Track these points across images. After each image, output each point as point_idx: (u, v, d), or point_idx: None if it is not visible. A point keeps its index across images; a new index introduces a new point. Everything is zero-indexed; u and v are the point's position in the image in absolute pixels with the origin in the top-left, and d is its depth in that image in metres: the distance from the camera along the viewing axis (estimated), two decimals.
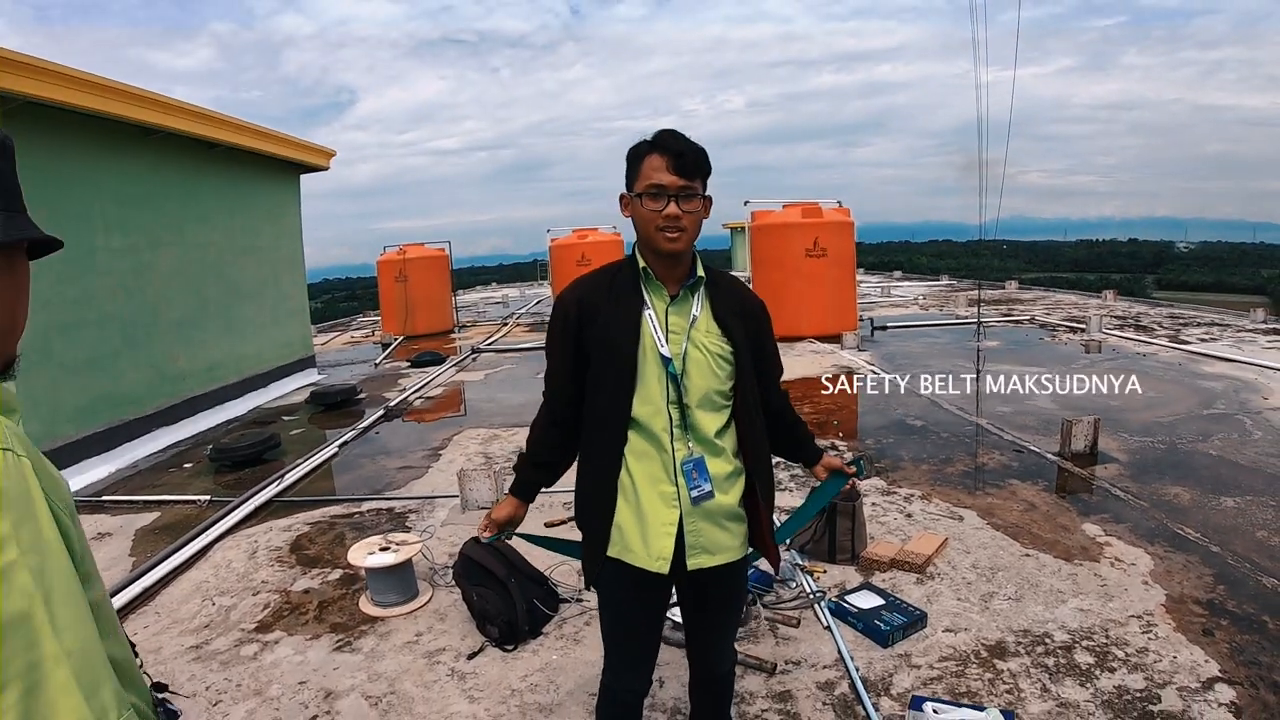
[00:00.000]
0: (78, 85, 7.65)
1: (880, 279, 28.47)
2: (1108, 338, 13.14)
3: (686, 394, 2.27)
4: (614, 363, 2.27)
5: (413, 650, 3.92)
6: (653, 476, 2.29)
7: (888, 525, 5.21)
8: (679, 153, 2.18)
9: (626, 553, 2.31)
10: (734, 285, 2.47)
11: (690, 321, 2.30)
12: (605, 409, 2.31)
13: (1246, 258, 74.75)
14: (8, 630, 0.92)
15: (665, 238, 2.22)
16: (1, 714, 0.90)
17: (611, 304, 2.31)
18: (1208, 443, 7.05)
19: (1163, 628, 3.89)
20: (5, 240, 1.06)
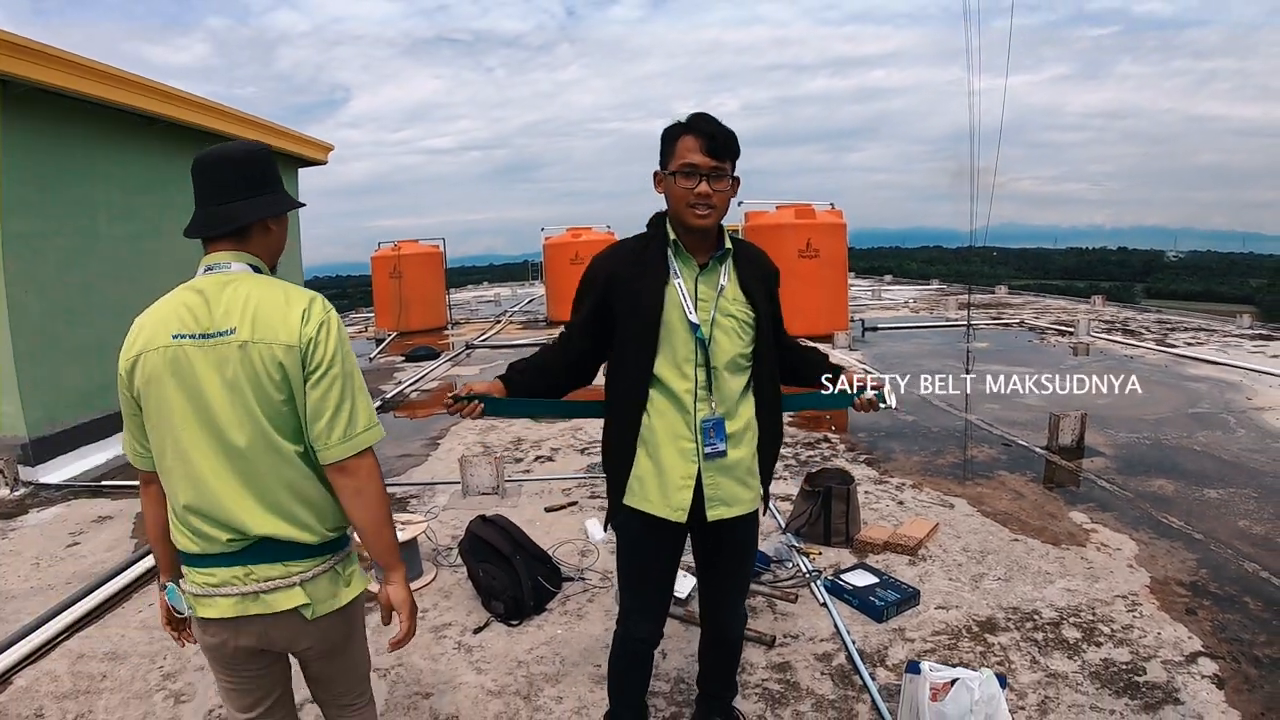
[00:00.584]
0: (82, 72, 7.71)
1: (871, 283, 28.60)
2: (1096, 341, 13.29)
3: (714, 357, 2.43)
4: (639, 326, 2.42)
5: (419, 625, 3.97)
6: (674, 433, 2.45)
7: (880, 511, 5.34)
8: (711, 135, 2.33)
9: (645, 503, 2.49)
10: (754, 254, 2.64)
11: (718, 291, 2.47)
12: (630, 367, 2.47)
13: (1235, 267, 75.27)
14: (354, 373, 2.01)
15: (695, 214, 2.38)
16: (350, 398, 1.97)
17: (640, 272, 2.46)
18: (1192, 439, 7.19)
19: (1147, 607, 4.03)
20: (276, 213, 2.15)
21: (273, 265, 2.17)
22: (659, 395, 2.46)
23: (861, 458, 6.65)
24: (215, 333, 1.92)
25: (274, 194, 2.11)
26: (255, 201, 2.06)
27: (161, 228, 9.58)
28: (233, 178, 2.06)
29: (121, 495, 6.61)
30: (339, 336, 2.00)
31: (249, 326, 1.91)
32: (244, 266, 2.04)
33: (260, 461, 1.93)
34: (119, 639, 4.06)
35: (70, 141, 8.09)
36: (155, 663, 3.80)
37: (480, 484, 5.88)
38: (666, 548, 2.62)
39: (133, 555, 4.99)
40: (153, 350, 1.94)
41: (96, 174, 8.53)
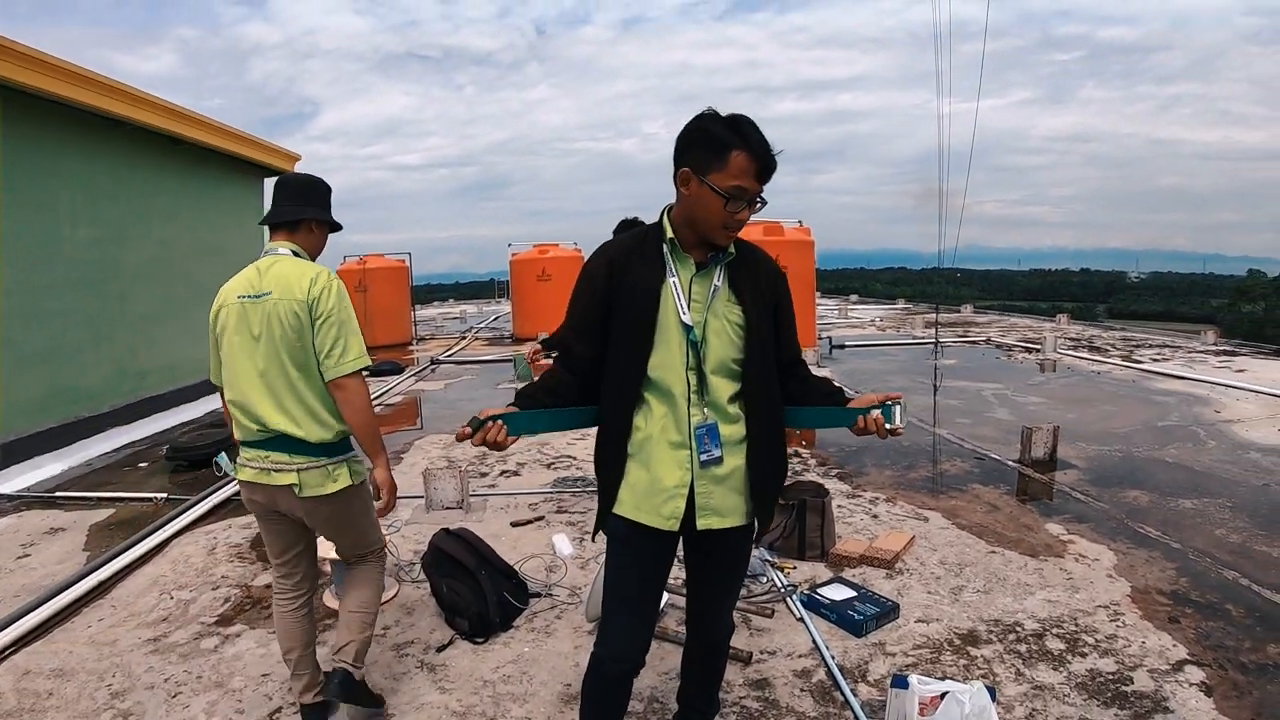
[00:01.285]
0: (50, 71, 7.54)
1: (837, 302, 28.75)
2: (1063, 357, 13.36)
3: (705, 361, 2.32)
4: (633, 324, 2.32)
5: (379, 643, 3.82)
6: (668, 439, 2.34)
7: (854, 525, 5.23)
8: (768, 162, 2.21)
9: (636, 511, 2.37)
10: (755, 256, 2.48)
11: (711, 293, 2.35)
12: (623, 368, 2.35)
13: (1196, 288, 76.53)
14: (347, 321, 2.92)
15: (726, 234, 2.28)
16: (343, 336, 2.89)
17: (639, 266, 2.35)
18: (1163, 451, 7.21)
19: (1130, 616, 3.96)
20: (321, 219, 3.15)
21: (314, 255, 3.13)
22: (654, 398, 2.36)
23: (833, 472, 6.55)
24: (260, 294, 2.90)
25: (320, 208, 3.13)
26: (305, 210, 3.08)
27: (126, 234, 9.39)
28: (294, 192, 3.10)
29: (75, 507, 6.40)
30: (337, 296, 2.92)
31: (279, 289, 2.88)
32: (288, 251, 3.03)
33: (277, 380, 2.88)
34: (67, 655, 3.86)
35: (34, 141, 7.89)
36: (104, 680, 3.61)
37: (444, 498, 5.70)
38: (658, 559, 2.49)
39: (84, 568, 4.79)
40: (226, 305, 2.99)
41: (61, 176, 8.31)
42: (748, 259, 2.44)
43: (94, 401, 8.67)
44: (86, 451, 8.22)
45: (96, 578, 4.63)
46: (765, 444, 2.42)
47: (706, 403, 2.33)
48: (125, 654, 3.85)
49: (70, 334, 8.37)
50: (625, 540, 2.43)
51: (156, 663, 3.75)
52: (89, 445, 8.36)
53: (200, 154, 11.03)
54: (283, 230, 3.07)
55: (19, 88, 7.29)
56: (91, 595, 4.51)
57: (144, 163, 9.83)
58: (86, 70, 8.10)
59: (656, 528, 2.35)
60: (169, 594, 4.54)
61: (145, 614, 4.29)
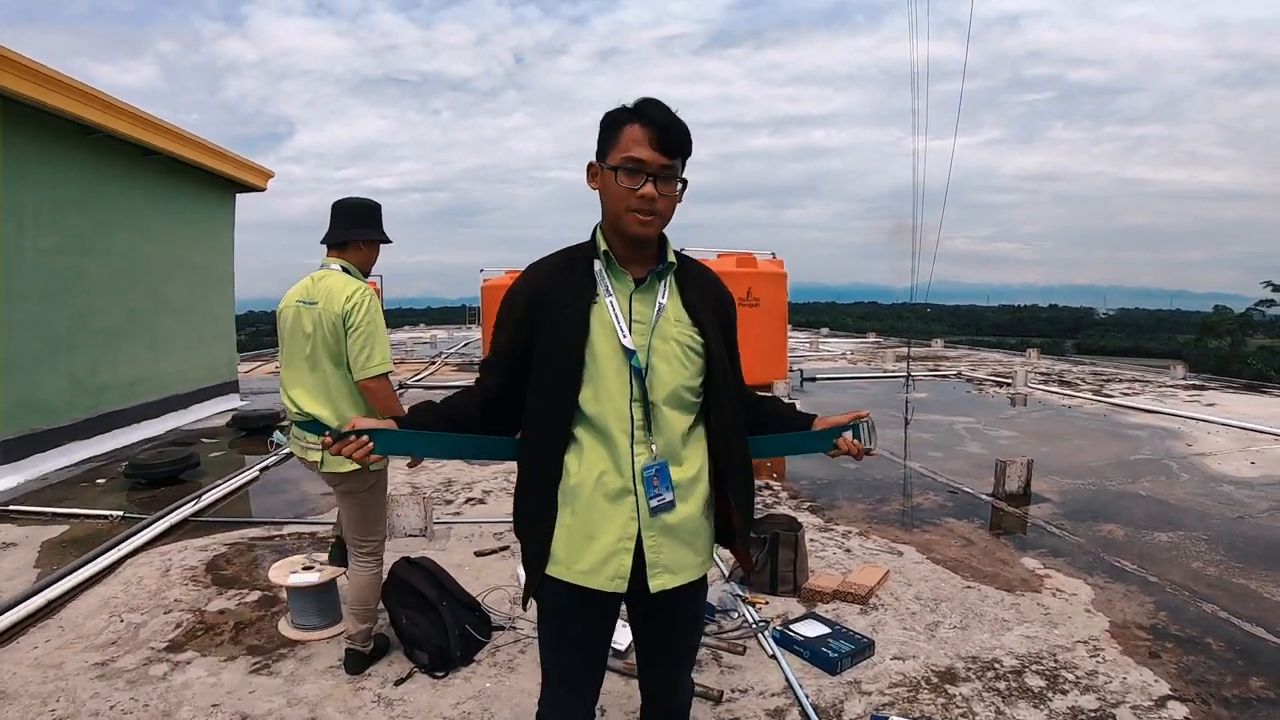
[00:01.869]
0: (18, 71, 7.31)
1: (808, 335, 28.81)
2: (1033, 391, 13.40)
3: (652, 390, 2.00)
4: (558, 356, 2.00)
5: (335, 675, 3.65)
6: (607, 485, 2.00)
7: (827, 559, 5.11)
8: (664, 126, 1.93)
9: (572, 573, 2.02)
10: (705, 273, 2.21)
11: (656, 310, 2.04)
12: (546, 408, 2.03)
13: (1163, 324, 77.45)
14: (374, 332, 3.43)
15: (637, 219, 1.97)
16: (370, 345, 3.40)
17: (565, 287, 2.04)
18: (1137, 484, 7.21)
19: (1110, 651, 3.87)
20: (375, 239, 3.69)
21: (365, 268, 3.64)
22: (587, 436, 2.02)
23: (805, 505, 6.43)
24: (310, 302, 3.45)
25: (370, 229, 3.61)
26: (351, 231, 3.57)
27: (90, 245, 9.12)
28: (344, 216, 3.57)
29: (29, 521, 6.19)
30: (366, 311, 3.40)
31: (324, 301, 3.41)
32: (337, 267, 3.54)
33: (315, 373, 3.45)
34: (10, 677, 3.67)
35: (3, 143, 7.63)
36: (47, 705, 3.43)
37: (407, 525, 5.53)
38: (601, 624, 2.16)
39: (33, 586, 4.59)
40: (287, 307, 3.55)
41: (26, 182, 8.05)
42: (696, 274, 2.17)
43: (52, 415, 8.37)
44: (43, 465, 8.01)
45: (45, 596, 4.45)
46: (733, 476, 2.11)
47: (654, 439, 2.01)
48: (71, 678, 3.66)
49: (28, 344, 8.07)
50: (562, 607, 2.10)
51: (103, 689, 3.56)
52: (46, 459, 8.12)
53: (172, 166, 10.76)
54: (335, 248, 3.57)
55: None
56: (39, 615, 4.33)
57: (113, 172, 9.56)
58: (57, 73, 7.84)
59: (598, 590, 2.02)
60: (119, 616, 4.34)
61: (94, 636, 4.09)
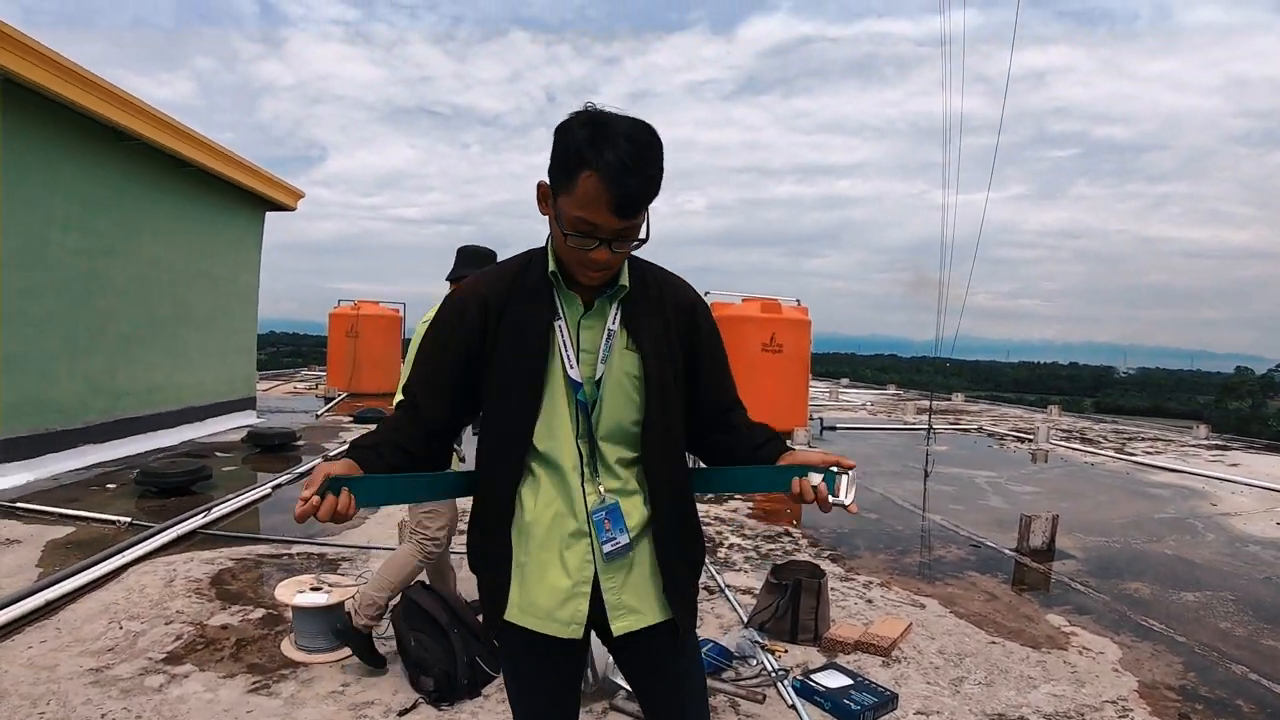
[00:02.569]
0: (59, 71, 7.43)
1: (828, 385, 28.68)
2: (1055, 448, 13.27)
3: (597, 427, 1.84)
4: (521, 376, 1.81)
5: (337, 701, 3.56)
6: (561, 526, 1.84)
7: (848, 610, 5.00)
8: (626, 193, 1.63)
9: (530, 618, 1.85)
10: (659, 284, 1.95)
11: (605, 337, 1.84)
12: (501, 429, 1.85)
13: (1183, 384, 76.95)
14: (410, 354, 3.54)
15: (588, 275, 1.78)
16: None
17: (522, 304, 1.83)
18: (1162, 543, 7.09)
19: (1139, 713, 3.76)
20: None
21: None
22: (542, 472, 1.85)
23: (825, 554, 6.33)
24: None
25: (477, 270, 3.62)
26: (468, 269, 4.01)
27: (115, 248, 9.21)
28: (464, 257, 4.13)
29: (35, 520, 6.20)
30: (418, 333, 3.68)
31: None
32: None
33: None
34: (2, 674, 3.63)
35: (33, 139, 7.74)
36: (36, 707, 3.37)
37: None
38: (564, 671, 1.96)
39: (32, 586, 4.57)
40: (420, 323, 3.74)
41: (57, 180, 8.15)
42: (648, 289, 1.92)
43: (66, 415, 8.41)
44: (55, 465, 8.04)
45: (44, 597, 4.43)
46: (670, 525, 1.91)
47: (601, 479, 1.84)
48: (64, 681, 3.60)
49: (47, 342, 8.15)
50: (521, 653, 1.91)
51: (95, 695, 3.50)
52: (58, 459, 8.15)
53: (204, 178, 10.90)
54: (452, 283, 4.00)
55: (22, 82, 7.16)
56: (37, 615, 4.30)
57: (144, 178, 9.66)
58: (95, 76, 7.97)
59: (556, 636, 1.85)
60: (119, 623, 4.29)
61: (91, 641, 4.04)
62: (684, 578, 1.93)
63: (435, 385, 1.87)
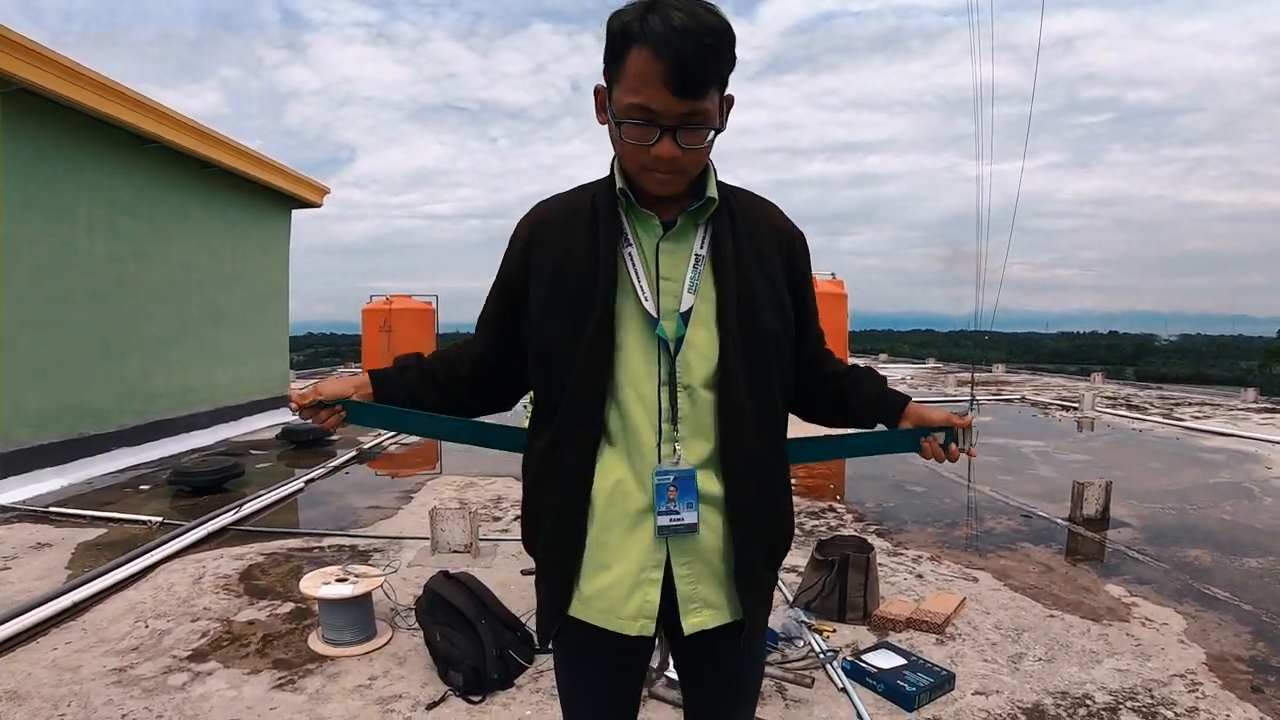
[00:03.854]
0: (77, 80, 7.44)
1: (866, 360, 28.37)
2: (1101, 415, 12.96)
3: (683, 371, 1.50)
4: (583, 314, 1.49)
5: (364, 695, 3.43)
6: (625, 496, 1.52)
7: (898, 585, 4.81)
8: (681, 61, 1.33)
9: (599, 613, 1.55)
10: (757, 205, 1.65)
11: (691, 263, 1.52)
12: (574, 381, 1.51)
13: (1225, 350, 75.63)
14: None
15: (656, 179, 1.47)
16: None
17: (582, 236, 1.54)
18: (1218, 509, 6.87)
19: (1209, 686, 3.55)
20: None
21: None
22: (618, 431, 1.53)
23: (871, 528, 6.13)
24: None
25: None
26: None
27: (144, 251, 9.23)
28: None
29: (66, 524, 6.15)
30: None
31: None
32: None
33: None
34: (25, 677, 3.54)
35: (59, 148, 7.77)
36: (57, 709, 3.27)
37: (451, 540, 5.32)
38: (626, 672, 1.68)
39: (62, 586, 4.51)
40: None
41: (83, 187, 8.17)
42: (743, 208, 1.61)
43: (100, 419, 8.43)
44: (89, 470, 8.03)
45: (71, 598, 4.34)
46: (760, 503, 1.58)
47: (681, 438, 1.50)
48: (86, 682, 3.51)
49: (79, 348, 8.17)
50: (580, 652, 1.64)
51: (117, 695, 3.40)
52: (92, 463, 8.16)
53: (229, 179, 10.90)
54: None
55: (45, 94, 7.18)
56: (64, 616, 4.21)
57: (170, 182, 9.68)
58: (115, 83, 7.98)
59: (621, 633, 1.55)
60: (145, 622, 4.20)
61: (115, 641, 3.95)
62: (762, 568, 1.61)
63: (485, 317, 1.71)
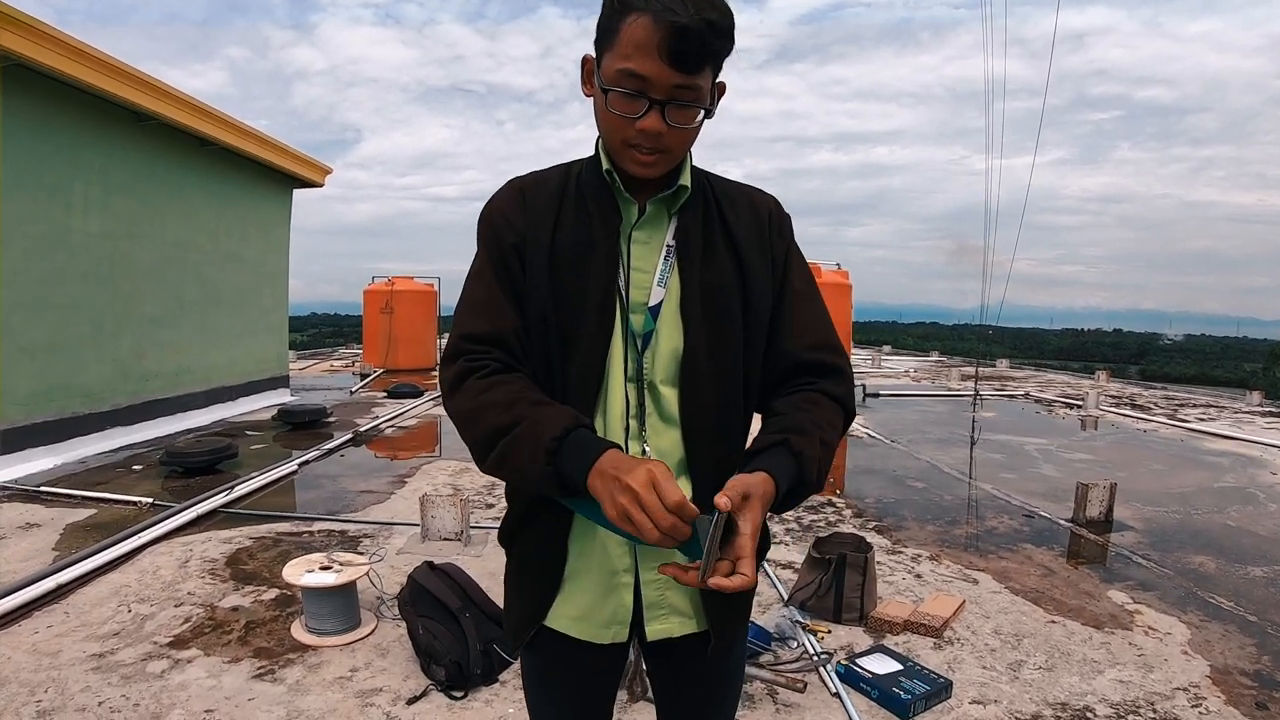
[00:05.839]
0: (75, 55, 7.33)
1: (870, 352, 28.31)
2: (1105, 414, 12.86)
3: (650, 368, 1.41)
4: (584, 313, 1.38)
5: (344, 687, 3.34)
6: None
7: (896, 585, 4.71)
8: (681, 29, 1.23)
9: (576, 622, 1.46)
10: (732, 191, 1.52)
11: (662, 255, 1.43)
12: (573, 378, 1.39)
13: (1229, 351, 75.46)
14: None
15: (636, 158, 1.34)
16: None
17: (570, 215, 1.42)
18: (1223, 514, 6.74)
19: (1213, 701, 3.45)
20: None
21: None
22: (599, 428, 1.41)
23: (870, 524, 6.03)
24: None
25: None
26: None
27: (139, 230, 9.12)
28: None
29: (56, 503, 6.09)
30: None
31: None
32: None
33: None
34: (3, 661, 3.47)
35: (52, 124, 7.66)
36: (34, 695, 3.20)
37: (442, 527, 5.23)
38: (599, 681, 1.57)
39: (46, 569, 4.43)
40: None
41: (78, 164, 8.07)
42: (716, 195, 1.49)
43: (93, 399, 8.36)
44: (82, 449, 7.97)
45: (55, 580, 4.28)
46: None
47: (650, 437, 1.41)
48: (65, 668, 3.44)
49: (73, 328, 8.08)
50: (553, 663, 1.53)
51: (95, 682, 3.33)
52: (86, 443, 8.10)
53: (228, 158, 10.76)
54: None
55: (41, 70, 7.08)
56: (47, 598, 4.15)
57: (166, 160, 9.55)
58: (112, 58, 7.86)
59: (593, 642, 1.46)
60: (128, 606, 4.12)
61: (97, 625, 3.88)
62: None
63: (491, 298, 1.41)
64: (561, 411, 1.28)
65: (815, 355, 1.46)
